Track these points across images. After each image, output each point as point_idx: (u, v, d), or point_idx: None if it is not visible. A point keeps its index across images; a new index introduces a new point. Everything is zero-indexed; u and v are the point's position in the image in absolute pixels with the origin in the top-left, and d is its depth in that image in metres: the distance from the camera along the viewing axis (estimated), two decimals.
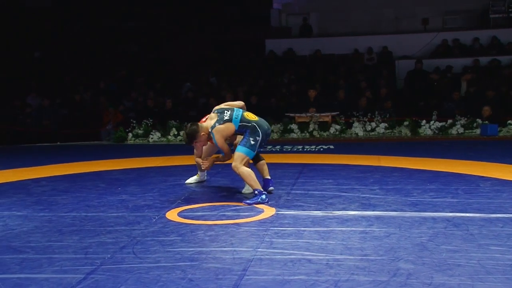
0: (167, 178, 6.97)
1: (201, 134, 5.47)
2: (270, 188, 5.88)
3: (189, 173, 6.84)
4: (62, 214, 5.16)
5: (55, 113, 13.36)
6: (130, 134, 12.15)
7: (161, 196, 5.87)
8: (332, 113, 12.02)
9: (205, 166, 5.79)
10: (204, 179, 6.73)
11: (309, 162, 8.07)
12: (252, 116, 5.57)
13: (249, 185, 5.56)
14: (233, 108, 5.57)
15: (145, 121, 12.20)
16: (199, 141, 5.57)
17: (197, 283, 3.31)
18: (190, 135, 5.47)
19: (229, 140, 5.74)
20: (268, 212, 5.02)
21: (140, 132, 12.14)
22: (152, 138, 12.04)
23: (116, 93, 14.40)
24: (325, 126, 11.82)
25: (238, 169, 5.41)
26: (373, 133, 11.75)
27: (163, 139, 11.99)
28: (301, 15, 17.31)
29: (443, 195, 5.58)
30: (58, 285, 3.34)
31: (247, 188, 5.88)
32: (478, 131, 11.36)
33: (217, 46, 17.30)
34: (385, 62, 15.31)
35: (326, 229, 4.40)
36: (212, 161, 5.80)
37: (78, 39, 16.65)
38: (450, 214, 4.77)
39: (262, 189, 5.51)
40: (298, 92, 13.43)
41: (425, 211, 4.92)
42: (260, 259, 3.71)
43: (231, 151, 5.60)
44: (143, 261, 3.72)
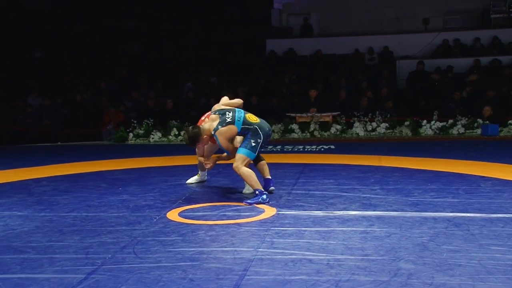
0: (168, 178, 6.97)
1: (204, 137, 5.50)
2: (271, 188, 5.89)
3: (190, 173, 6.85)
4: (63, 214, 5.17)
5: (56, 113, 13.35)
6: (131, 134, 12.15)
7: (162, 196, 5.88)
8: (333, 113, 12.02)
9: (208, 166, 5.81)
10: (205, 179, 6.74)
11: (310, 162, 8.07)
12: (254, 118, 5.57)
13: (250, 185, 5.56)
14: (234, 109, 5.57)
15: (146, 121, 12.20)
16: (201, 143, 5.63)
17: (198, 283, 3.31)
18: (193, 139, 5.49)
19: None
20: (269, 212, 5.03)
21: (141, 132, 12.14)
22: (153, 138, 12.04)
23: (117, 93, 14.40)
24: (326, 126, 11.82)
25: (239, 170, 5.42)
26: (374, 133, 11.75)
27: (164, 139, 11.99)
28: (302, 15, 17.30)
29: (444, 195, 5.57)
30: (59, 285, 3.34)
31: (248, 188, 5.89)
32: (479, 131, 11.36)
33: (218, 46, 17.29)
34: (386, 62, 15.31)
35: (327, 229, 4.40)
36: (215, 161, 5.84)
37: (79, 39, 16.63)
38: (451, 214, 4.77)
39: (263, 189, 5.51)
40: (299, 92, 13.43)
41: (426, 211, 4.92)
42: (261, 259, 3.71)
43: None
44: (144, 261, 3.72)
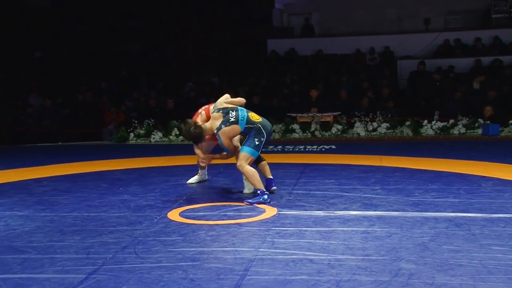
0: (169, 178, 6.97)
1: (206, 137, 5.52)
2: (273, 188, 5.89)
3: (191, 173, 6.84)
4: (64, 214, 5.17)
5: (57, 113, 13.37)
6: (132, 134, 12.16)
7: (163, 196, 5.88)
8: (334, 113, 12.01)
9: (204, 164, 5.87)
10: (206, 178, 6.73)
11: (311, 162, 8.07)
12: (256, 117, 5.57)
13: (252, 185, 5.55)
14: (237, 108, 5.54)
15: (147, 121, 12.20)
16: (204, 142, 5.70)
17: (199, 283, 3.31)
18: (196, 139, 5.50)
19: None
20: (270, 212, 5.02)
21: (142, 132, 12.14)
22: (154, 138, 12.04)
23: (118, 93, 14.41)
24: (327, 126, 11.82)
25: (243, 168, 5.43)
26: (375, 133, 11.74)
27: (165, 139, 11.99)
28: (303, 15, 17.30)
29: (445, 195, 5.57)
30: (60, 285, 3.34)
31: (248, 188, 5.89)
32: (480, 131, 11.34)
33: (219, 46, 17.29)
34: (387, 62, 15.30)
35: (328, 229, 4.40)
36: (210, 159, 5.88)
37: (79, 39, 16.64)
38: (452, 214, 4.77)
39: (265, 190, 5.51)
40: (300, 92, 13.43)
41: (427, 211, 4.92)
42: (262, 259, 3.70)
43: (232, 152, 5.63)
44: (145, 261, 3.72)
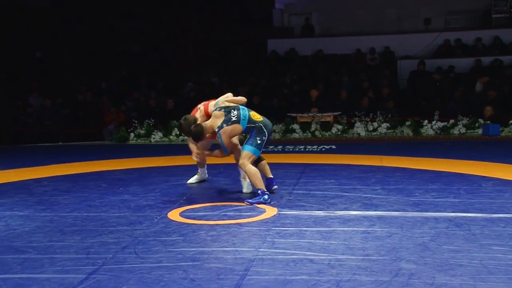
0: (169, 178, 6.97)
1: (206, 136, 5.53)
2: (274, 187, 5.89)
3: (191, 173, 6.84)
4: (64, 214, 5.17)
5: (57, 113, 13.37)
6: (132, 134, 12.16)
7: (163, 196, 5.88)
8: (334, 113, 12.01)
9: (197, 159, 6.13)
10: (206, 178, 6.74)
11: (311, 162, 8.06)
12: (258, 116, 5.59)
13: (254, 184, 5.55)
14: (239, 107, 5.55)
15: (147, 121, 12.21)
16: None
17: (199, 283, 3.31)
18: (196, 137, 5.51)
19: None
20: (270, 212, 5.02)
21: (142, 132, 12.14)
22: (154, 138, 12.04)
23: (118, 93, 14.40)
24: (327, 126, 11.81)
25: (246, 167, 5.44)
26: (375, 133, 11.74)
27: (165, 139, 11.99)
28: (303, 15, 17.29)
29: (445, 195, 5.57)
30: (60, 285, 3.34)
31: (248, 188, 5.90)
32: (480, 131, 11.34)
33: (219, 46, 17.29)
34: (387, 62, 15.28)
35: (328, 229, 4.39)
36: (205, 156, 5.99)
37: (79, 39, 16.64)
38: (452, 214, 4.77)
39: (266, 190, 5.51)
40: (300, 92, 13.42)
41: (427, 211, 4.92)
42: (262, 259, 3.70)
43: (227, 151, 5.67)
44: (145, 261, 3.72)
